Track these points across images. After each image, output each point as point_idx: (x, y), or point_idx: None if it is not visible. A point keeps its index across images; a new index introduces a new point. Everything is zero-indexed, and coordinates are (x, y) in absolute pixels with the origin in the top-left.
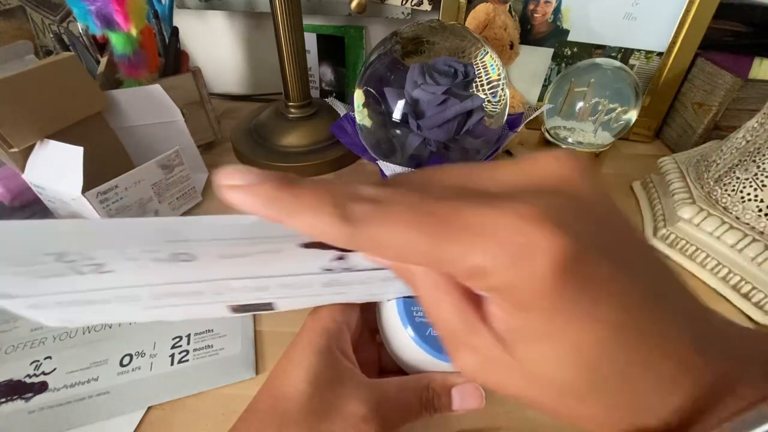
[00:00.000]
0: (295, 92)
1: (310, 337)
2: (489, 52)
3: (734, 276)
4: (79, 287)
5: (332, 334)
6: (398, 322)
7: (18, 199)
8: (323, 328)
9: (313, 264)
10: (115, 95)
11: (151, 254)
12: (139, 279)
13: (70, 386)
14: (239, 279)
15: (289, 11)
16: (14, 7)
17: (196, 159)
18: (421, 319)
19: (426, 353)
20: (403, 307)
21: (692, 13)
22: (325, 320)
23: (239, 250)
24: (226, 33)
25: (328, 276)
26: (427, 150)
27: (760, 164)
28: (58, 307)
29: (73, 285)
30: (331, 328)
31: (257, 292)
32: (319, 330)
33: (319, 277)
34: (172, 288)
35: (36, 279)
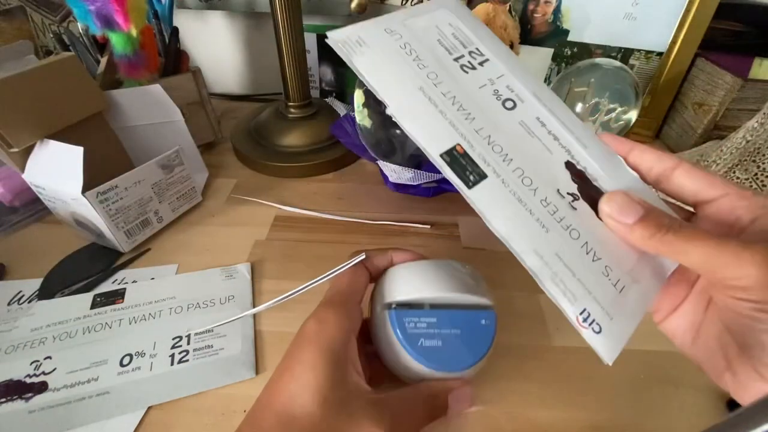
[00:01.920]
0: (295, 92)
1: (318, 349)
2: None
3: None
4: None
5: (340, 345)
6: (391, 333)
7: (18, 199)
8: (331, 338)
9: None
10: (115, 95)
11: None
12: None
13: (70, 386)
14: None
15: (289, 11)
16: (14, 7)
17: (196, 159)
18: (414, 330)
19: (419, 363)
20: (396, 319)
21: (692, 13)
22: (332, 329)
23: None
24: (226, 33)
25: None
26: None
27: (760, 164)
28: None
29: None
30: (338, 339)
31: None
32: (326, 340)
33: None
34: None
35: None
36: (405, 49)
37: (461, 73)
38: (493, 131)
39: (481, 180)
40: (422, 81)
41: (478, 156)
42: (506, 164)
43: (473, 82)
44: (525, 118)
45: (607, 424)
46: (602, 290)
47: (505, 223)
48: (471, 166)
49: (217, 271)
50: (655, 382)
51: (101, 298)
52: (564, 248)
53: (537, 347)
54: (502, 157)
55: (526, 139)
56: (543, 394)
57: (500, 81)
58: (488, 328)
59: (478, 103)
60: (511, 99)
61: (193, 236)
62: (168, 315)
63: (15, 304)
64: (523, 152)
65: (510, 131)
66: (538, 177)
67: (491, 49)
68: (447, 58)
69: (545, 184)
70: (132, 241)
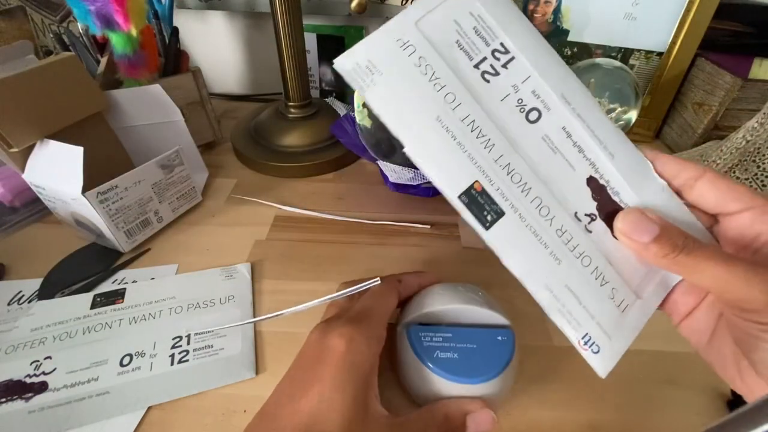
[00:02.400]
0: (295, 92)
1: (346, 370)
2: None
3: None
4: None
5: (369, 368)
6: (408, 348)
7: (18, 199)
8: (360, 359)
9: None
10: (115, 95)
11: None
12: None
13: (70, 386)
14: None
15: (289, 11)
16: (14, 7)
17: (196, 159)
18: (429, 343)
19: (434, 374)
20: (412, 334)
21: (692, 13)
22: (361, 350)
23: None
24: (226, 33)
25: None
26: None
27: (760, 164)
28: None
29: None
30: (367, 361)
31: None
32: (355, 362)
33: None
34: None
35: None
36: (420, 66)
37: (482, 84)
38: (513, 158)
39: (498, 218)
40: (439, 107)
41: (496, 191)
42: (524, 195)
43: (495, 93)
44: (549, 130)
45: (607, 424)
46: (606, 314)
47: (520, 263)
48: (488, 204)
49: (217, 271)
50: (655, 382)
51: (101, 298)
52: (574, 278)
53: (537, 347)
54: (520, 188)
55: (548, 158)
56: (543, 394)
57: (525, 85)
58: (506, 345)
59: (499, 122)
60: (536, 108)
61: (193, 236)
62: (168, 315)
63: (15, 304)
64: (544, 175)
65: (532, 151)
66: (556, 203)
67: (518, 41)
68: (467, 67)
69: (563, 210)
70: (132, 241)
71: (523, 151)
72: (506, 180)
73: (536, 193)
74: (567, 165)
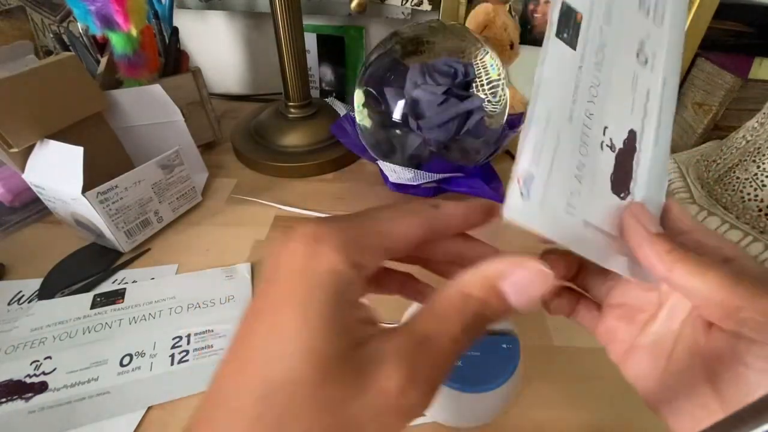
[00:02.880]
0: (295, 92)
1: (307, 285)
2: (489, 52)
3: None
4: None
5: (343, 286)
6: None
7: (18, 199)
8: (330, 271)
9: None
10: (115, 95)
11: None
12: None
13: (70, 386)
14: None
15: (289, 11)
16: (14, 7)
17: (196, 159)
18: None
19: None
20: None
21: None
22: (331, 258)
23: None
24: (226, 33)
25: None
26: (427, 150)
27: (760, 164)
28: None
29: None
30: (341, 276)
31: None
32: (323, 273)
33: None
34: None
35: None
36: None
37: (635, 12)
38: (610, 56)
39: (569, 41)
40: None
41: (585, 39)
42: (597, 71)
43: (637, 27)
44: (641, 77)
45: (607, 424)
46: (557, 193)
47: (545, 97)
48: (574, 29)
49: (217, 271)
50: None
51: (101, 298)
52: (567, 149)
53: (537, 347)
54: (598, 68)
55: (625, 88)
56: (543, 394)
57: (653, 44)
58: (511, 353)
59: (621, 36)
60: (647, 60)
61: (193, 236)
62: (168, 315)
63: (15, 304)
64: (614, 89)
65: (622, 71)
66: (602, 110)
67: (673, 14)
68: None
69: (601, 117)
70: (132, 241)
71: (618, 63)
72: (595, 53)
73: (601, 90)
74: (630, 105)
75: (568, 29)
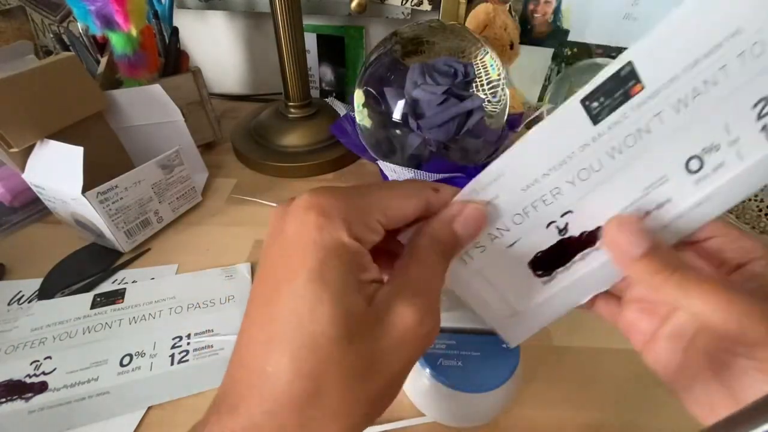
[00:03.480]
0: (295, 92)
1: (322, 251)
2: (489, 52)
3: None
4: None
5: (351, 254)
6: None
7: (18, 199)
8: (338, 242)
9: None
10: (115, 95)
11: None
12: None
13: (70, 386)
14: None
15: (289, 11)
16: (14, 7)
17: (196, 159)
18: (432, 350)
19: (438, 382)
20: None
21: None
22: (340, 231)
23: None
24: (226, 33)
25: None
26: (427, 150)
27: None
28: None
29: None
30: (347, 247)
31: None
32: (333, 243)
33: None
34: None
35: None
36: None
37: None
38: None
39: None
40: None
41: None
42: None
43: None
44: (667, 187)
45: (607, 424)
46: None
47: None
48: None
49: (217, 271)
50: (655, 382)
51: (101, 298)
52: (504, 205)
53: (537, 347)
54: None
55: (635, 186)
56: (543, 394)
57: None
58: (511, 353)
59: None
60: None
61: (193, 236)
62: (168, 315)
63: (15, 304)
64: (617, 182)
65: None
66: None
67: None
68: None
69: (570, 204)
70: (132, 241)
71: (648, 159)
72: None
73: (596, 176)
74: (627, 205)
75: (606, 99)
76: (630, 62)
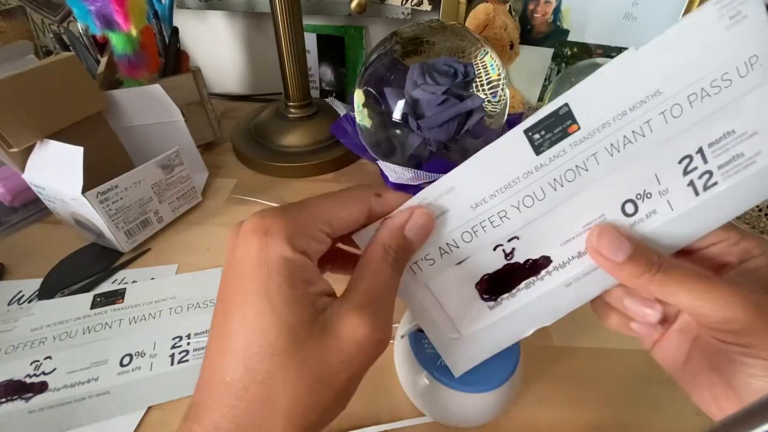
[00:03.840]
0: (295, 92)
1: (266, 273)
2: (489, 52)
3: None
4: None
5: (295, 269)
6: (411, 355)
7: (18, 199)
8: (281, 258)
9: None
10: (115, 95)
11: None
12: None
13: (70, 386)
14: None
15: (289, 11)
16: (14, 7)
17: (196, 159)
18: (432, 350)
19: (438, 381)
20: (414, 341)
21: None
22: (281, 249)
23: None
24: (226, 33)
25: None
26: (427, 150)
27: None
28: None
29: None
30: (292, 260)
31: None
32: (278, 261)
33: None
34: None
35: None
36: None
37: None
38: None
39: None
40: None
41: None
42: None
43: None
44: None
45: (607, 424)
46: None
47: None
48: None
49: (217, 271)
50: (656, 382)
51: (101, 298)
52: (452, 218)
53: (537, 347)
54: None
55: (575, 223)
56: (543, 394)
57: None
58: (511, 353)
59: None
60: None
61: (193, 236)
62: (168, 315)
63: (15, 304)
64: (559, 215)
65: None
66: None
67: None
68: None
69: (517, 230)
70: (132, 241)
71: (586, 198)
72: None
73: (540, 206)
74: (565, 238)
75: (547, 132)
76: (566, 104)
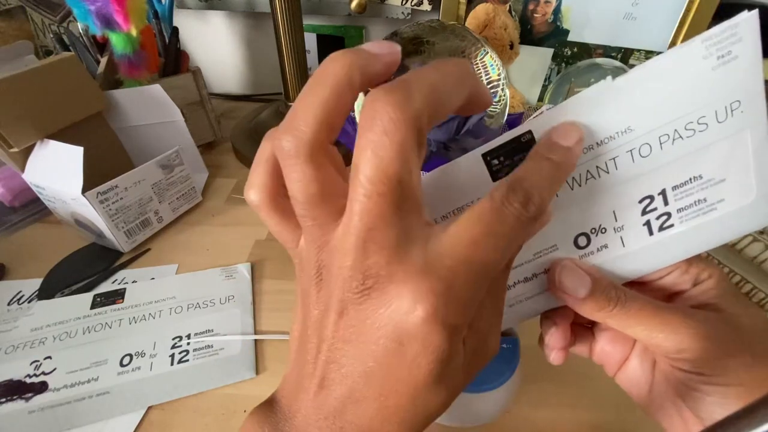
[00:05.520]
0: (295, 92)
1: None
2: (489, 52)
3: (735, 276)
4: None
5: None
6: None
7: (18, 199)
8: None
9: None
10: (115, 95)
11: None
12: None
13: (70, 386)
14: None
15: (289, 11)
16: (14, 7)
17: (196, 159)
18: None
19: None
20: None
21: (692, 13)
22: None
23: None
24: (226, 33)
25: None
26: (426, 150)
27: None
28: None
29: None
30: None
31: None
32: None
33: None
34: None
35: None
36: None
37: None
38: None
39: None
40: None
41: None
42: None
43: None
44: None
45: (607, 424)
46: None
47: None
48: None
49: (217, 271)
50: None
51: (101, 298)
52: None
53: (537, 347)
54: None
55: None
56: (543, 394)
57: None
58: (511, 353)
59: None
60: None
61: (193, 236)
62: (168, 315)
63: (15, 304)
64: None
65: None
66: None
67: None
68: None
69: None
70: (132, 241)
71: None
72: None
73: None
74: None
75: (506, 159)
76: (530, 131)
